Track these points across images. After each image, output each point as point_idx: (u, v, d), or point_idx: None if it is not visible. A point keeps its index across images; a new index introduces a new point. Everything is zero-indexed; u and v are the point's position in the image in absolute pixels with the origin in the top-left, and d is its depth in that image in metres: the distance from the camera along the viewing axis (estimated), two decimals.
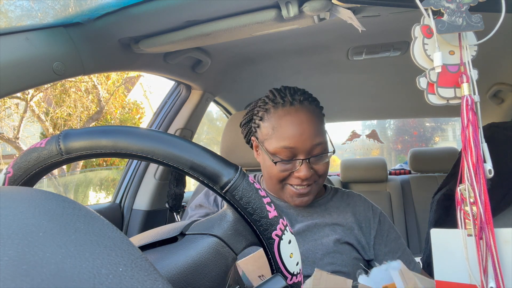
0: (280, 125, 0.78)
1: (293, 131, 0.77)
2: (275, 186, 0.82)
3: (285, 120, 0.78)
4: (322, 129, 0.81)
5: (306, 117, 0.78)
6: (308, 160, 0.78)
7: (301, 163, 0.77)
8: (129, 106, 8.92)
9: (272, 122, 0.80)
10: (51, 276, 0.19)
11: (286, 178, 0.80)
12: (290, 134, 0.77)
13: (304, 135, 0.77)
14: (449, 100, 0.51)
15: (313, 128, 0.78)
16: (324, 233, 0.80)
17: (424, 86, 0.52)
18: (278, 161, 0.78)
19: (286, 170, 0.79)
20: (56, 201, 0.26)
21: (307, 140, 0.77)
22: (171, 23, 0.87)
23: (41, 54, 0.75)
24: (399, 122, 8.49)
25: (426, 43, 0.52)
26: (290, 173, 0.79)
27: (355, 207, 0.87)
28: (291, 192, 0.80)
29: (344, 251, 0.79)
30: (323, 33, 1.17)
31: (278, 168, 0.79)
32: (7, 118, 7.11)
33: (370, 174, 2.29)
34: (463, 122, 0.49)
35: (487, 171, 0.47)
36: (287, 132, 0.77)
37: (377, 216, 0.87)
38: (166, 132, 0.41)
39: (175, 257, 0.36)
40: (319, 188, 0.84)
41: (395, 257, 0.82)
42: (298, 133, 0.77)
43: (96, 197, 6.52)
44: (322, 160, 0.80)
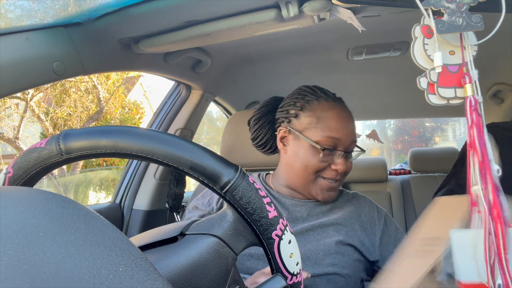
0: (327, 116, 0.82)
1: (340, 123, 0.82)
2: (307, 178, 0.83)
3: (332, 112, 0.83)
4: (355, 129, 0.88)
5: (348, 115, 0.85)
6: (346, 154, 0.83)
7: (341, 156, 0.81)
8: (129, 106, 8.92)
9: (317, 113, 0.83)
10: (51, 276, 0.19)
11: (322, 169, 0.82)
12: (338, 126, 0.81)
13: (348, 129, 0.82)
14: (450, 100, 0.51)
15: (353, 125, 0.85)
16: (327, 233, 0.80)
17: (424, 86, 0.52)
18: (324, 148, 0.81)
19: (326, 161, 0.82)
20: (56, 201, 0.26)
21: (349, 135, 0.82)
22: (171, 23, 0.87)
23: (41, 54, 0.75)
24: (399, 122, 8.49)
25: (426, 43, 0.52)
26: (328, 165, 0.82)
27: (360, 208, 0.87)
28: (323, 185, 0.82)
29: (346, 252, 0.79)
30: (323, 33, 1.17)
31: (320, 158, 0.81)
32: (7, 118, 7.11)
33: (370, 174, 2.29)
34: (468, 123, 0.49)
35: (495, 171, 0.47)
36: (335, 123, 0.81)
37: (382, 217, 0.87)
38: (166, 132, 0.41)
39: (175, 257, 0.36)
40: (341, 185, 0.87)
41: None
42: (344, 126, 0.82)
43: (96, 197, 6.52)
44: (350, 158, 0.86)
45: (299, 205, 0.86)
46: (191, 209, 0.93)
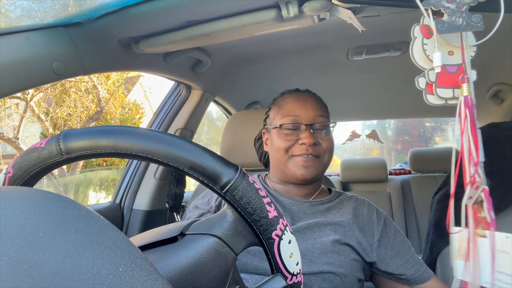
0: (286, 102, 0.89)
1: (297, 102, 0.87)
2: (282, 160, 0.86)
3: (289, 98, 0.89)
4: (325, 108, 0.89)
5: (308, 95, 0.89)
6: (311, 128, 0.84)
7: (305, 130, 0.83)
8: (129, 106, 8.92)
9: (279, 103, 0.90)
10: (51, 276, 0.19)
11: (292, 147, 0.85)
12: (295, 105, 0.86)
13: (307, 105, 0.86)
14: (448, 100, 0.51)
15: (315, 102, 0.87)
16: (324, 232, 0.80)
17: (423, 86, 0.52)
18: (282, 126, 0.86)
19: (290, 139, 0.85)
20: (56, 201, 0.26)
21: (309, 109, 0.85)
22: (171, 23, 0.87)
23: (41, 54, 0.75)
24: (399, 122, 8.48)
25: (425, 43, 0.52)
26: (295, 142, 0.84)
27: (358, 210, 0.87)
28: (297, 162, 0.84)
29: (342, 251, 0.79)
30: (323, 33, 1.17)
31: (282, 138, 0.85)
32: (7, 118, 7.11)
33: (370, 174, 2.29)
34: (461, 122, 0.49)
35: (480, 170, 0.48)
36: (290, 105, 0.87)
37: (382, 219, 0.86)
38: (166, 132, 0.41)
39: (175, 257, 0.36)
40: (323, 168, 0.87)
41: (403, 260, 0.81)
42: (301, 104, 0.86)
43: (96, 197, 6.52)
44: (326, 134, 0.86)
45: (296, 204, 0.86)
46: (192, 209, 0.93)
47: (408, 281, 0.81)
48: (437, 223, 0.92)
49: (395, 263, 0.81)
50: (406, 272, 0.80)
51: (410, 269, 0.81)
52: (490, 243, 0.48)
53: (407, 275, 0.80)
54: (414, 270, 0.81)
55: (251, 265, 0.77)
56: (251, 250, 0.79)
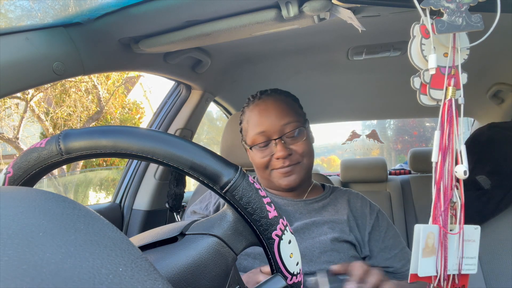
0: (251, 116, 0.88)
1: (260, 117, 0.85)
2: (263, 175, 0.87)
3: (254, 111, 0.88)
4: (292, 111, 0.86)
5: (271, 103, 0.87)
6: (282, 139, 0.83)
7: (276, 144, 0.83)
8: (129, 106, 8.92)
9: (246, 117, 0.90)
10: (51, 276, 0.19)
11: (269, 163, 0.85)
12: (259, 120, 0.85)
13: (271, 117, 0.84)
14: (439, 102, 0.52)
15: (280, 110, 0.85)
16: (322, 231, 0.81)
17: (417, 86, 0.52)
18: (254, 146, 0.86)
19: (266, 155, 0.84)
20: (56, 201, 0.26)
21: (274, 121, 0.84)
22: (171, 23, 0.87)
23: (41, 54, 0.75)
24: (399, 122, 8.48)
25: (423, 43, 0.52)
26: (271, 157, 0.84)
27: (352, 204, 0.88)
28: (277, 174, 0.85)
29: (341, 249, 0.79)
30: (323, 33, 1.17)
31: (258, 155, 0.85)
32: (7, 118, 7.11)
33: (370, 174, 2.29)
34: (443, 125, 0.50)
35: (462, 172, 0.48)
36: (256, 119, 0.86)
37: (374, 213, 0.87)
38: (166, 132, 0.41)
39: (175, 257, 0.36)
40: (307, 171, 0.86)
41: (392, 254, 0.82)
42: (264, 118, 0.85)
43: (96, 197, 6.52)
44: (298, 139, 0.85)
45: (291, 205, 0.86)
46: (190, 214, 0.94)
47: (395, 275, 0.81)
48: None
49: (382, 256, 0.82)
50: (393, 265, 0.81)
51: (397, 263, 0.81)
52: (459, 236, 0.51)
53: (394, 268, 0.81)
54: (401, 264, 0.81)
55: (252, 268, 0.77)
56: (251, 253, 0.79)
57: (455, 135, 0.50)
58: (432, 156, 0.51)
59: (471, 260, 0.53)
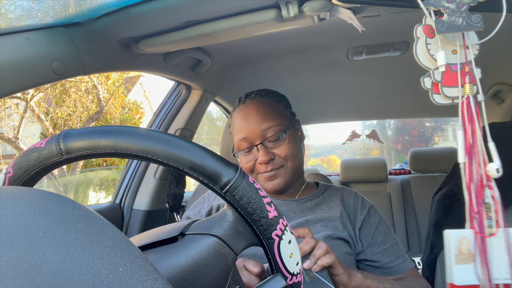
0: (235, 122, 0.89)
1: (242, 122, 0.86)
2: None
3: (237, 117, 0.88)
4: (274, 114, 0.86)
5: (253, 108, 0.86)
6: (263, 144, 0.83)
7: (258, 150, 0.84)
8: (129, 106, 8.92)
9: (232, 123, 0.91)
10: (51, 276, 0.19)
11: (254, 168, 0.86)
12: (240, 126, 0.86)
13: (251, 123, 0.84)
14: (454, 99, 0.51)
15: (261, 115, 0.85)
16: (315, 229, 0.81)
17: (428, 86, 0.52)
18: (238, 152, 0.87)
19: (250, 160, 0.86)
20: (56, 201, 0.26)
21: (255, 127, 0.84)
22: (171, 23, 0.87)
23: (41, 54, 0.75)
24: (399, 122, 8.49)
25: (429, 43, 0.52)
26: (255, 162, 0.85)
27: (345, 201, 0.88)
28: (261, 179, 0.85)
29: (335, 246, 0.79)
30: (323, 33, 1.17)
31: (243, 160, 0.87)
32: (7, 118, 7.11)
33: (370, 174, 2.29)
34: (464, 123, 0.49)
35: (494, 170, 0.47)
36: (238, 125, 0.87)
37: (365, 208, 0.87)
38: (166, 132, 0.41)
39: (175, 257, 0.36)
40: (293, 173, 0.86)
41: (380, 249, 0.81)
42: (246, 123, 0.85)
43: (96, 197, 6.52)
44: (280, 143, 0.84)
45: (285, 204, 0.86)
46: (185, 219, 0.94)
47: (382, 270, 0.81)
48: (437, 223, 0.92)
49: (370, 251, 0.82)
50: (380, 259, 0.81)
51: (385, 258, 0.81)
52: (505, 240, 0.47)
53: (381, 262, 0.80)
54: (389, 259, 0.81)
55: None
56: (244, 254, 0.78)
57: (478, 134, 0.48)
58: (458, 157, 0.49)
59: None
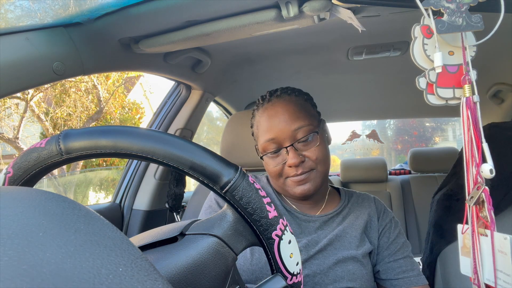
0: (260, 122, 0.83)
1: (270, 122, 0.80)
2: (278, 183, 0.83)
3: (263, 116, 0.82)
4: (304, 113, 0.81)
5: (281, 107, 0.81)
6: (293, 146, 0.78)
7: (287, 152, 0.78)
8: (129, 106, 8.92)
9: (256, 121, 0.85)
10: (51, 276, 0.19)
11: (282, 172, 0.80)
12: (268, 126, 0.80)
13: (281, 123, 0.79)
14: (448, 100, 0.51)
15: (290, 114, 0.79)
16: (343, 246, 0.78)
17: (423, 87, 0.52)
18: (264, 155, 0.81)
19: (278, 163, 0.80)
20: (56, 201, 0.26)
21: (285, 128, 0.78)
22: (171, 23, 0.87)
23: (41, 54, 0.75)
24: (399, 122, 8.48)
25: (426, 43, 0.52)
26: (283, 165, 0.79)
27: (369, 209, 0.85)
28: (290, 183, 0.80)
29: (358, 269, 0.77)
30: (323, 33, 1.17)
31: (270, 164, 0.81)
32: (7, 118, 7.11)
33: (370, 174, 2.29)
34: (464, 123, 0.49)
35: (488, 171, 0.47)
36: (266, 125, 0.81)
37: (387, 218, 0.85)
38: (166, 132, 0.41)
39: (175, 257, 0.36)
40: (322, 177, 0.81)
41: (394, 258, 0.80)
42: (275, 124, 0.79)
43: (96, 197, 6.52)
44: (311, 145, 0.79)
45: (310, 221, 0.83)
46: None
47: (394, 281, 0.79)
48: (437, 223, 0.92)
49: (383, 259, 0.81)
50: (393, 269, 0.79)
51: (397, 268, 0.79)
52: (491, 243, 0.48)
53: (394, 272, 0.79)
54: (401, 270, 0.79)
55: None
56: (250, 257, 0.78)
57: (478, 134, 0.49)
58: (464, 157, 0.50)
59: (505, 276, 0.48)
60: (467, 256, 0.52)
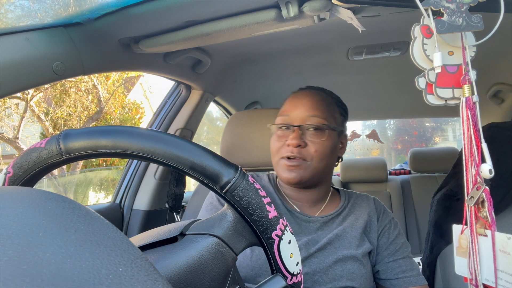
0: (286, 103, 0.87)
1: (292, 103, 0.85)
2: (274, 162, 0.85)
3: (290, 98, 0.87)
4: (326, 109, 0.83)
5: (308, 95, 0.84)
6: (301, 129, 0.80)
7: (293, 131, 0.80)
8: (129, 106, 8.92)
9: (283, 104, 0.89)
10: (51, 276, 0.19)
11: (281, 149, 0.82)
12: (289, 106, 0.85)
13: (299, 105, 0.83)
14: (448, 100, 0.51)
15: (312, 103, 0.82)
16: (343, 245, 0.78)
17: (423, 86, 0.52)
18: (273, 125, 0.85)
19: (281, 140, 0.83)
20: (56, 201, 0.26)
21: (301, 110, 0.82)
22: (171, 23, 0.87)
23: (41, 54, 0.75)
24: (399, 122, 8.48)
25: (425, 43, 0.52)
26: (284, 143, 0.82)
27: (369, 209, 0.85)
28: (283, 165, 0.81)
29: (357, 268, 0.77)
30: (323, 33, 1.17)
31: (274, 139, 0.84)
32: (7, 118, 7.11)
33: (370, 174, 2.29)
34: (463, 123, 0.49)
35: (487, 171, 0.47)
36: (288, 105, 0.85)
37: (386, 219, 0.85)
38: (166, 132, 0.41)
39: (175, 257, 0.36)
40: (313, 173, 0.81)
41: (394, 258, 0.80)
42: (295, 104, 0.84)
43: (96, 197, 6.52)
44: (317, 137, 0.80)
45: (310, 221, 0.83)
46: None
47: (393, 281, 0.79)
48: (437, 223, 0.92)
49: (382, 259, 0.81)
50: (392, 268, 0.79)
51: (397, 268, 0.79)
52: (491, 243, 0.48)
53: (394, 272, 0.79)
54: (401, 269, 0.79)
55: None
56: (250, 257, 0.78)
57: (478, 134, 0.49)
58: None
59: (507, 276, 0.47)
60: (463, 256, 0.52)
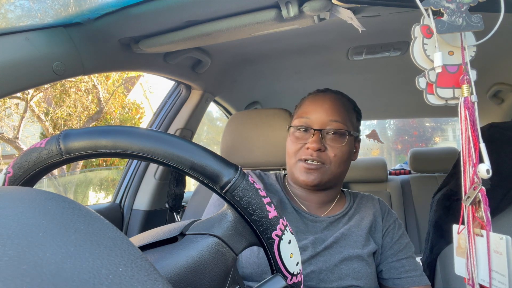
0: (305, 103, 0.87)
1: (313, 105, 0.84)
2: (291, 163, 0.85)
3: (310, 99, 0.87)
4: (346, 115, 0.84)
5: (329, 99, 0.84)
6: (321, 133, 0.80)
7: (313, 134, 0.80)
8: (129, 106, 8.92)
9: (301, 104, 0.89)
10: (51, 276, 0.19)
11: (299, 151, 0.82)
12: (310, 107, 0.84)
13: (321, 108, 0.82)
14: (448, 100, 0.51)
15: (333, 108, 0.82)
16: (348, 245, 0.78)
17: (423, 86, 0.52)
18: (292, 126, 0.85)
19: (299, 142, 0.82)
20: (56, 201, 0.26)
21: (322, 113, 0.81)
22: (171, 23, 0.87)
23: (41, 54, 0.75)
24: (399, 122, 8.49)
25: (425, 43, 0.52)
26: (303, 146, 0.82)
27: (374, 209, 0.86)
28: (301, 167, 0.81)
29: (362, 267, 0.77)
30: (323, 33, 1.17)
31: (292, 140, 0.84)
32: (7, 118, 7.11)
33: (370, 174, 2.29)
34: (462, 123, 0.49)
35: (484, 171, 0.47)
36: (308, 107, 0.85)
37: (391, 219, 0.85)
38: (166, 132, 0.41)
39: (175, 257, 0.36)
40: (330, 177, 0.82)
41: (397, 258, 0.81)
42: (316, 107, 0.83)
43: (96, 197, 6.52)
44: (337, 142, 0.81)
45: (317, 221, 0.83)
46: None
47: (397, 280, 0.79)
48: (437, 223, 0.92)
49: (386, 259, 0.81)
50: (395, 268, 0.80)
51: (400, 268, 0.80)
52: (486, 243, 0.48)
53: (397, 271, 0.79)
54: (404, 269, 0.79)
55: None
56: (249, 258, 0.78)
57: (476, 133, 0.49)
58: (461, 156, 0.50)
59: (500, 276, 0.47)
60: (462, 256, 0.52)
